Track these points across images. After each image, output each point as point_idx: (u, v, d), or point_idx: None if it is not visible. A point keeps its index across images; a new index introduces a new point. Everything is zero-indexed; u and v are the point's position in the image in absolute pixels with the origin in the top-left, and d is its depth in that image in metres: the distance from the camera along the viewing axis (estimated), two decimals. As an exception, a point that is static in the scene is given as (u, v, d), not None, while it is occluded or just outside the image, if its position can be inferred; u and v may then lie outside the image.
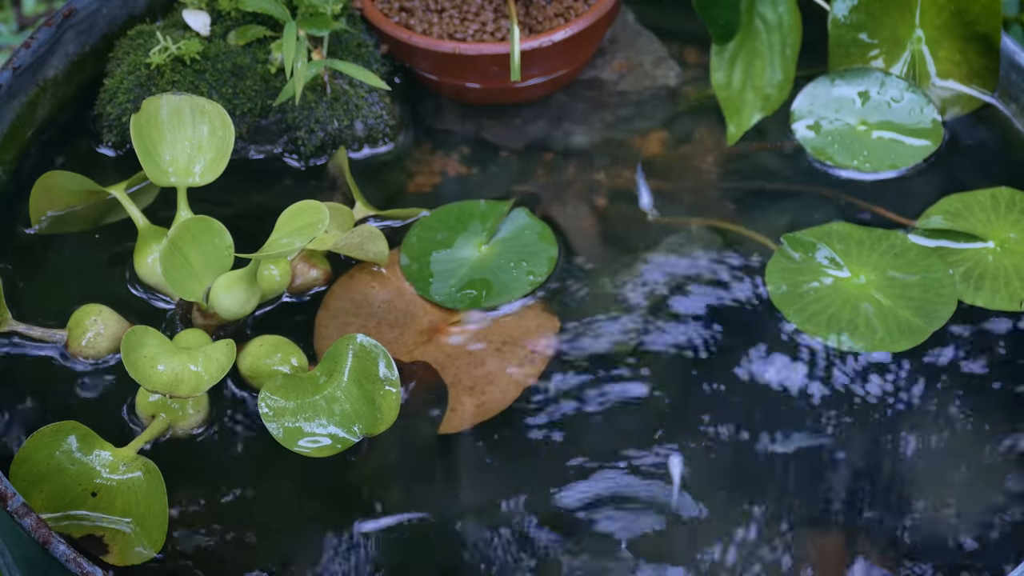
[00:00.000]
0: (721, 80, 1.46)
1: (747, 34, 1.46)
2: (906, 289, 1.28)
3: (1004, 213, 1.33)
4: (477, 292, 1.30)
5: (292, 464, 1.18)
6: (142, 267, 1.27)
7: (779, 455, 1.20)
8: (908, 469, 1.20)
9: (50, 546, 1.06)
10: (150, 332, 1.17)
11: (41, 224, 1.32)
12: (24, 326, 1.25)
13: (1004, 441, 1.21)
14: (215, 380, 1.14)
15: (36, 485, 1.12)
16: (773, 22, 1.46)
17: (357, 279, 1.31)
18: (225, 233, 1.19)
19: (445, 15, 1.42)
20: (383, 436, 1.18)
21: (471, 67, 1.40)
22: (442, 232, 1.34)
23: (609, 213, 1.37)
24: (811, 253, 1.31)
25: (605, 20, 1.42)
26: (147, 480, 1.13)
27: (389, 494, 1.18)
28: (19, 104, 1.37)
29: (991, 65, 1.41)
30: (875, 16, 1.43)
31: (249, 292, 1.20)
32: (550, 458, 1.20)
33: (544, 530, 1.16)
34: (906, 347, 1.25)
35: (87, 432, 1.14)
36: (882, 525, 1.16)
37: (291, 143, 1.39)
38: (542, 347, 1.27)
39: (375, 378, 1.17)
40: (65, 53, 1.40)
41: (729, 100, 1.44)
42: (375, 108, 1.39)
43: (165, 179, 1.27)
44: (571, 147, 1.42)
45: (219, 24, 1.40)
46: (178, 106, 1.28)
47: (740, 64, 1.46)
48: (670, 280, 1.31)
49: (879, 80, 1.43)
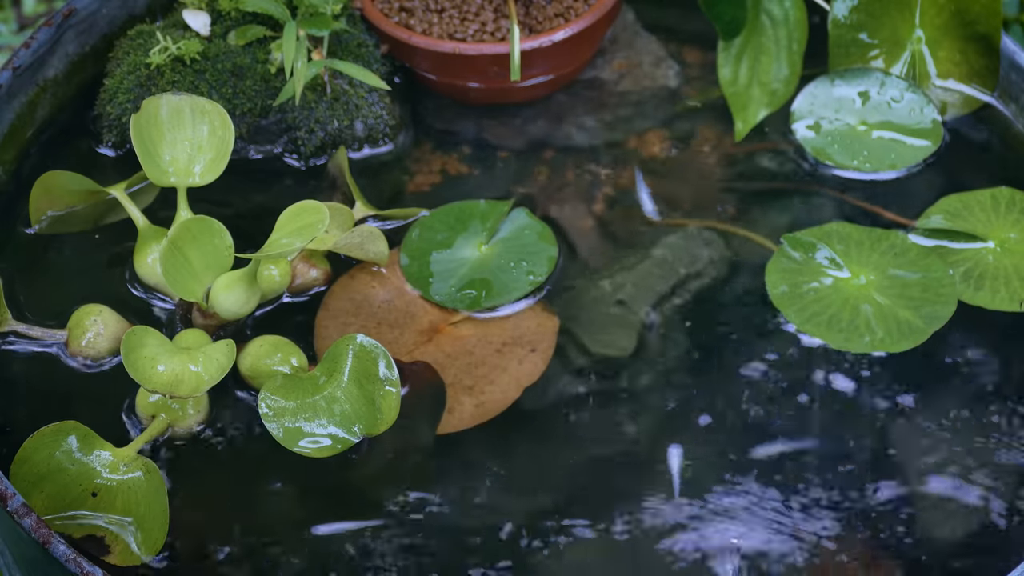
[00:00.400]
0: (727, 76, 1.46)
1: (753, 30, 1.47)
2: (906, 289, 1.28)
3: (1004, 213, 1.33)
4: (477, 292, 1.30)
5: (292, 464, 1.18)
6: (142, 267, 1.27)
7: (779, 455, 1.20)
8: (908, 469, 1.19)
9: (50, 546, 1.06)
10: (150, 332, 1.17)
11: (41, 224, 1.32)
12: (24, 326, 1.25)
13: (1004, 441, 1.21)
14: (215, 380, 1.14)
15: (36, 485, 1.12)
16: (779, 17, 1.46)
17: (357, 279, 1.31)
18: (225, 233, 1.19)
19: (445, 15, 1.42)
20: (383, 436, 1.18)
21: (471, 67, 1.40)
22: (442, 232, 1.34)
23: (609, 213, 1.37)
24: (811, 253, 1.31)
25: (605, 20, 1.42)
26: (147, 480, 1.13)
27: (389, 494, 1.18)
28: (19, 104, 1.37)
29: (991, 65, 1.41)
30: (875, 16, 1.43)
31: (249, 292, 1.20)
32: (550, 458, 1.20)
33: (544, 530, 1.16)
34: (906, 347, 1.25)
35: (87, 432, 1.14)
36: (882, 525, 1.16)
37: (291, 143, 1.39)
38: (542, 347, 1.27)
39: (375, 378, 1.17)
40: (65, 53, 1.40)
41: (736, 96, 1.45)
42: (375, 108, 1.39)
43: (165, 179, 1.26)
44: (571, 147, 1.42)
45: (219, 24, 1.40)
46: (178, 106, 1.28)
47: (746, 60, 1.46)
48: (670, 280, 1.31)
49: (879, 80, 1.43)
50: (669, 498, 1.18)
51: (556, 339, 1.27)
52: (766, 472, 1.19)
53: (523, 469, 1.20)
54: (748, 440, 1.21)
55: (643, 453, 1.20)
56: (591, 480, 1.19)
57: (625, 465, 1.20)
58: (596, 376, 1.25)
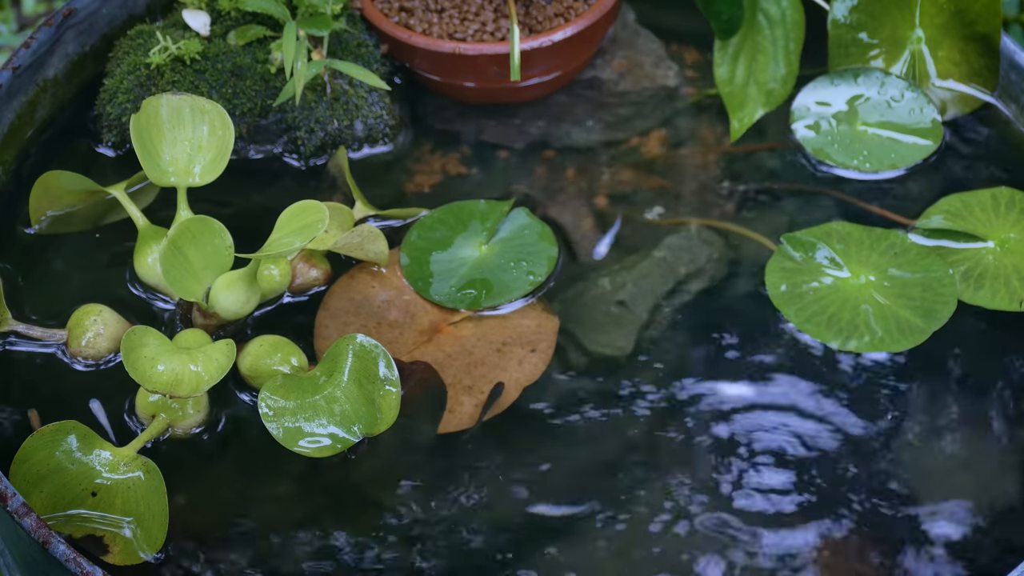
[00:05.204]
0: (724, 76, 1.46)
1: (750, 29, 1.47)
2: (906, 289, 1.28)
3: (1004, 213, 1.33)
4: (477, 292, 1.30)
5: (292, 464, 1.18)
6: (142, 267, 1.27)
7: (779, 455, 1.20)
8: (908, 469, 1.20)
9: (50, 546, 1.06)
10: (150, 332, 1.17)
11: (41, 224, 1.32)
12: (24, 326, 1.25)
13: (1004, 441, 1.21)
14: (215, 380, 1.14)
15: (36, 485, 1.12)
16: (776, 17, 1.46)
17: (357, 279, 1.31)
18: (225, 233, 1.19)
19: (445, 15, 1.42)
20: (383, 436, 1.18)
21: (471, 67, 1.40)
22: (442, 232, 1.34)
23: (609, 213, 1.37)
24: (811, 253, 1.31)
25: (605, 20, 1.42)
26: (147, 480, 1.13)
27: (389, 494, 1.18)
28: (19, 104, 1.37)
29: (991, 65, 1.41)
30: (875, 16, 1.43)
31: (249, 292, 1.20)
32: (550, 457, 1.20)
33: (544, 530, 1.16)
34: (906, 347, 1.25)
35: (87, 432, 1.14)
36: (882, 525, 1.16)
37: (291, 143, 1.39)
38: (542, 347, 1.27)
39: (375, 378, 1.17)
40: (65, 53, 1.41)
41: (732, 96, 1.45)
42: (375, 108, 1.39)
43: (165, 179, 1.27)
44: (571, 147, 1.42)
45: (219, 24, 1.40)
46: (178, 106, 1.28)
47: (743, 59, 1.46)
48: (670, 280, 1.31)
49: (879, 80, 1.43)
50: (669, 498, 1.18)
51: (556, 339, 1.27)
52: (766, 472, 1.19)
53: (522, 469, 1.20)
54: (748, 439, 1.21)
55: (642, 453, 1.20)
56: (591, 480, 1.19)
57: (625, 465, 1.20)
58: (596, 376, 1.25)
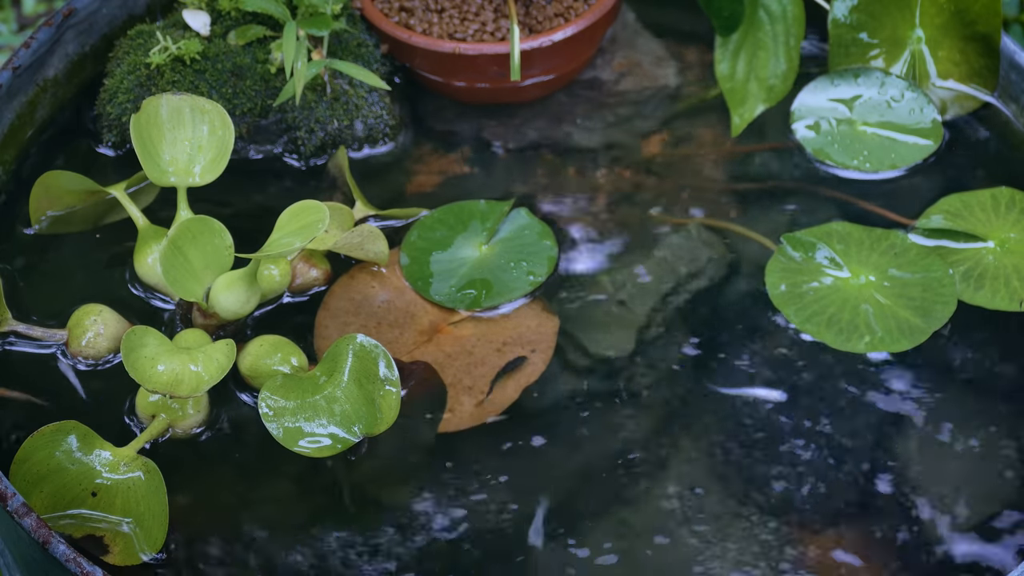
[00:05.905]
0: (725, 72, 1.46)
1: (751, 25, 1.47)
2: (906, 289, 1.28)
3: (1004, 213, 1.33)
4: (477, 292, 1.30)
5: (292, 464, 1.18)
6: (142, 267, 1.27)
7: (778, 455, 1.20)
8: (908, 469, 1.20)
9: (50, 546, 1.06)
10: (150, 332, 1.17)
11: (41, 224, 1.32)
12: (24, 326, 1.25)
13: (1004, 441, 1.21)
14: (215, 380, 1.14)
15: (36, 485, 1.12)
16: (777, 13, 1.46)
17: (357, 279, 1.31)
18: (225, 233, 1.19)
19: (445, 15, 1.42)
20: (383, 436, 1.18)
21: (471, 67, 1.40)
22: (442, 232, 1.34)
23: (609, 213, 1.37)
24: (811, 253, 1.31)
25: (605, 20, 1.42)
26: (147, 480, 1.13)
27: (389, 494, 1.18)
28: (19, 104, 1.37)
29: (991, 65, 1.41)
30: (875, 16, 1.43)
31: (249, 292, 1.20)
32: (550, 457, 1.20)
33: (543, 530, 1.16)
34: (906, 347, 1.25)
35: (87, 432, 1.14)
36: (882, 525, 1.16)
37: (291, 143, 1.39)
38: (542, 347, 1.27)
39: (375, 378, 1.17)
40: (65, 53, 1.40)
41: (733, 92, 1.45)
42: (375, 108, 1.39)
43: (165, 179, 1.27)
44: (571, 147, 1.42)
45: (219, 24, 1.40)
46: (178, 106, 1.28)
47: (744, 55, 1.46)
48: (670, 280, 1.31)
49: (879, 80, 1.43)
50: (669, 498, 1.18)
51: (556, 339, 1.27)
52: (765, 471, 1.19)
53: (522, 469, 1.20)
54: (747, 439, 1.21)
55: (642, 453, 1.20)
56: (591, 480, 1.19)
57: (624, 465, 1.20)
58: (596, 376, 1.25)
